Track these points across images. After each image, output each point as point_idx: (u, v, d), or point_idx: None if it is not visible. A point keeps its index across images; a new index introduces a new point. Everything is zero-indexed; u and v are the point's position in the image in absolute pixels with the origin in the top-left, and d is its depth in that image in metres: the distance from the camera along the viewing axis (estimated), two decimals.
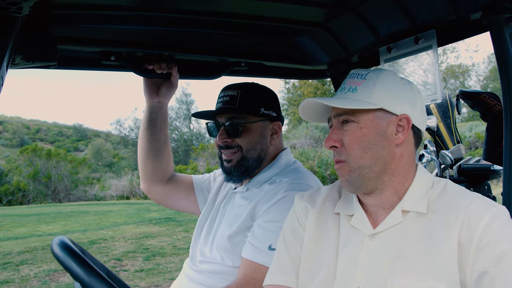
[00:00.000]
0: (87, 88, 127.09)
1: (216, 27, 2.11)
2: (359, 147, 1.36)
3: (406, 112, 1.37)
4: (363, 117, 1.37)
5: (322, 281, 1.40)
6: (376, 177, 1.37)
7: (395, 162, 1.37)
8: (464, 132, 21.02)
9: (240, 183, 2.11)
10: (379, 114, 1.37)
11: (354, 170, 1.37)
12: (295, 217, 1.56)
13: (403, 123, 1.37)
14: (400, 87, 1.39)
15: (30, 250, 8.41)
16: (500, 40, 1.53)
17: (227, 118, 2.03)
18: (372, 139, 1.36)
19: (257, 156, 2.03)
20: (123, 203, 19.04)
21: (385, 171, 1.37)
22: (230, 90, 2.04)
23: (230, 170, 2.04)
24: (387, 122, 1.36)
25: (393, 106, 1.36)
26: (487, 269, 1.21)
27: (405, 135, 1.37)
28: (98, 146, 48.10)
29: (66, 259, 1.37)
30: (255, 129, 2.03)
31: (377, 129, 1.36)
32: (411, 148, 1.41)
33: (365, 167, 1.36)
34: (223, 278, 1.92)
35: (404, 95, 1.38)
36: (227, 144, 2.04)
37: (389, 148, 1.36)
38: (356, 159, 1.37)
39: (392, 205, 1.39)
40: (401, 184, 1.39)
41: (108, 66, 2.20)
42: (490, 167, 2.96)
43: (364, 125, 1.36)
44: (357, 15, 2.00)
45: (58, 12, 1.81)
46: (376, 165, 1.36)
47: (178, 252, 8.26)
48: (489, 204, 1.29)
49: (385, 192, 1.39)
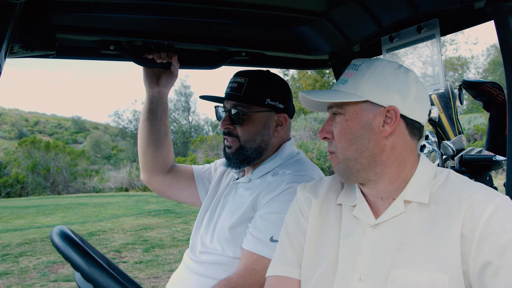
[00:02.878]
0: (85, 80, 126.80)
1: (217, 16, 2.09)
2: (344, 140, 1.37)
3: (394, 104, 1.34)
4: (350, 109, 1.37)
5: (324, 272, 1.40)
6: (365, 169, 1.37)
7: (386, 154, 1.36)
8: (463, 124, 20.96)
9: (240, 171, 2.11)
10: (365, 106, 1.36)
11: (341, 162, 1.39)
12: (297, 208, 1.55)
13: (391, 114, 1.34)
14: (390, 77, 1.36)
15: (29, 242, 8.43)
16: (504, 29, 1.51)
17: (232, 105, 2.01)
18: (357, 131, 1.36)
19: (256, 147, 2.02)
20: (122, 195, 19.07)
21: (375, 163, 1.36)
22: (239, 76, 2.03)
23: (230, 156, 2.05)
24: (374, 114, 1.35)
25: (380, 97, 1.34)
26: (491, 260, 1.20)
27: (392, 127, 1.34)
28: (97, 138, 48.12)
29: (66, 249, 1.35)
30: (257, 119, 2.01)
31: (363, 121, 1.35)
32: (406, 139, 1.38)
33: (351, 159, 1.37)
34: (223, 269, 1.90)
35: (394, 85, 1.35)
36: (229, 131, 2.04)
37: (376, 140, 1.35)
38: (342, 151, 1.38)
39: (390, 195, 1.38)
40: (396, 174, 1.38)
41: (107, 55, 2.18)
42: (492, 158, 2.95)
43: (349, 118, 1.37)
44: (358, 4, 1.98)
45: (57, 0, 1.78)
46: (363, 157, 1.36)
47: (177, 243, 8.28)
48: (492, 194, 1.28)
49: (380, 182, 1.38)
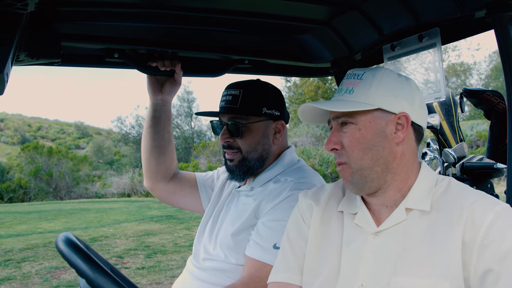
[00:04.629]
0: (88, 86, 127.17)
1: (220, 25, 2.12)
2: (359, 149, 1.36)
3: (404, 110, 1.36)
4: (361, 118, 1.36)
5: (326, 278, 1.41)
6: (378, 177, 1.37)
7: (397, 161, 1.37)
8: (466, 131, 21.00)
9: (243, 182, 2.11)
10: (377, 114, 1.36)
11: (356, 172, 1.38)
12: (299, 215, 1.56)
13: (402, 121, 1.36)
14: (397, 85, 1.38)
15: (31, 247, 8.43)
16: (504, 38, 1.53)
17: (229, 118, 2.02)
18: (372, 139, 1.36)
19: (258, 157, 2.03)
20: (124, 200, 19.06)
21: (387, 171, 1.37)
22: (232, 89, 2.03)
23: (233, 169, 2.05)
24: (386, 122, 1.36)
25: (391, 105, 1.36)
26: (491, 267, 1.21)
27: (404, 133, 1.36)
28: (99, 143, 48.15)
29: (72, 255, 1.37)
30: (256, 129, 2.02)
31: (376, 129, 1.36)
32: (413, 145, 1.40)
33: (367, 168, 1.36)
34: (226, 275, 1.92)
35: (401, 93, 1.37)
36: (229, 144, 2.04)
37: (389, 147, 1.36)
38: (357, 160, 1.37)
39: (395, 203, 1.39)
40: (403, 182, 1.39)
41: (111, 63, 2.20)
42: (493, 165, 2.95)
43: (362, 126, 1.36)
44: (360, 13, 2.00)
45: (62, 9, 1.81)
46: (378, 165, 1.36)
47: (179, 249, 8.27)
48: (493, 202, 1.29)
49: (388, 191, 1.39)
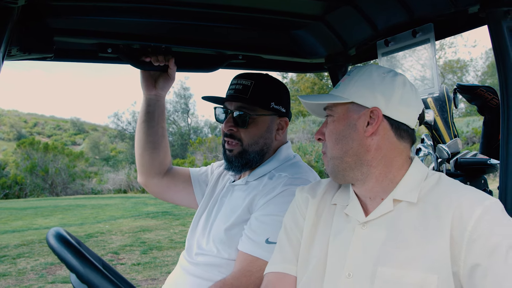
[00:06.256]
0: (84, 82, 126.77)
1: (214, 20, 2.11)
2: (331, 139, 1.44)
3: (377, 105, 1.39)
4: (338, 111, 1.44)
5: (314, 269, 1.44)
6: (351, 168, 1.42)
7: (371, 154, 1.40)
8: (461, 127, 21.04)
9: (239, 174, 2.11)
10: (352, 108, 1.42)
11: (330, 161, 1.46)
12: (296, 208, 1.59)
13: (374, 115, 1.39)
14: (377, 80, 1.41)
15: (27, 243, 8.41)
16: (498, 33, 1.53)
17: (237, 106, 2.01)
18: (342, 131, 1.42)
19: (259, 150, 2.03)
20: (120, 196, 19.05)
21: (361, 162, 1.41)
22: (243, 79, 2.02)
23: (232, 159, 2.04)
24: (359, 115, 1.41)
25: (364, 99, 1.40)
26: (479, 262, 1.22)
27: (374, 128, 1.39)
28: (96, 139, 48.00)
29: (62, 250, 1.36)
30: (262, 122, 2.02)
31: (348, 121, 1.42)
32: (391, 140, 1.41)
33: (337, 157, 1.43)
34: (219, 270, 1.91)
35: (378, 87, 1.40)
36: (231, 133, 2.03)
37: (360, 140, 1.40)
38: (330, 150, 1.45)
39: (377, 195, 1.42)
40: (383, 175, 1.41)
41: (105, 58, 2.19)
42: (487, 161, 2.97)
43: (337, 118, 1.44)
44: (354, 8, 2.00)
45: (55, 3, 1.80)
46: (348, 156, 1.42)
47: (175, 245, 8.27)
48: (481, 197, 1.30)
49: (367, 182, 1.42)
